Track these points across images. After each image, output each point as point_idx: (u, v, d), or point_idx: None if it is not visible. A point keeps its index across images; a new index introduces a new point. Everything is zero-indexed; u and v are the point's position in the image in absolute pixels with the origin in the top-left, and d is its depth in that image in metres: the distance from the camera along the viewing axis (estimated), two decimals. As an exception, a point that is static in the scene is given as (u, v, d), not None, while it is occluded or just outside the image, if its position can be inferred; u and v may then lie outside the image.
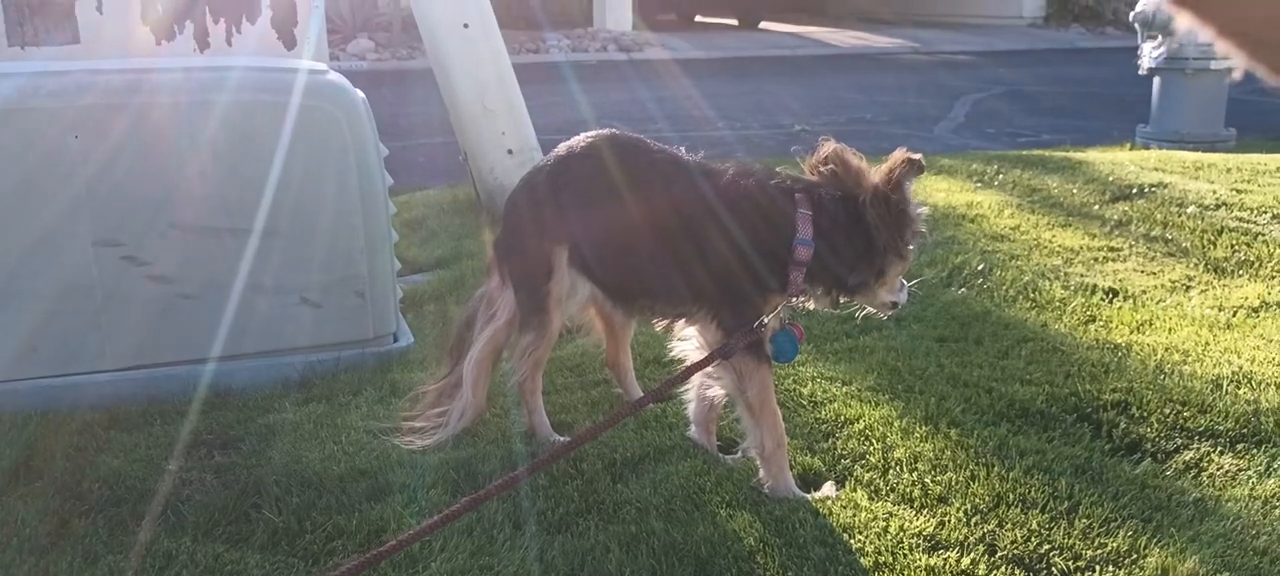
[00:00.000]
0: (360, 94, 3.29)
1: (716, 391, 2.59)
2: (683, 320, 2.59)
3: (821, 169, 2.44)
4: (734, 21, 21.61)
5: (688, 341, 2.63)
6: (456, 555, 2.16)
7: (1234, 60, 0.76)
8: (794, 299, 2.45)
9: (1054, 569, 2.14)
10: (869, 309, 2.55)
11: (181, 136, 3.05)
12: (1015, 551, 2.18)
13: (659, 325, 2.67)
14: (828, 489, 2.47)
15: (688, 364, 2.54)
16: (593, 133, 2.62)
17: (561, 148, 2.64)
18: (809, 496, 2.43)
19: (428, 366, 3.23)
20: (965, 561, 2.14)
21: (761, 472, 2.46)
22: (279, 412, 2.93)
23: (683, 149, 2.60)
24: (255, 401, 3.01)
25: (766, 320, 2.42)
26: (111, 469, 2.56)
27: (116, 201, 2.99)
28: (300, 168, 3.11)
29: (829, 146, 2.45)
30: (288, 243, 3.14)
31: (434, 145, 8.18)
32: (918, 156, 2.35)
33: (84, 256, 2.97)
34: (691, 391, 2.68)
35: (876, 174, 2.37)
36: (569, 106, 10.66)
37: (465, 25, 5.17)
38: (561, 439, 2.71)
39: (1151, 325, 3.51)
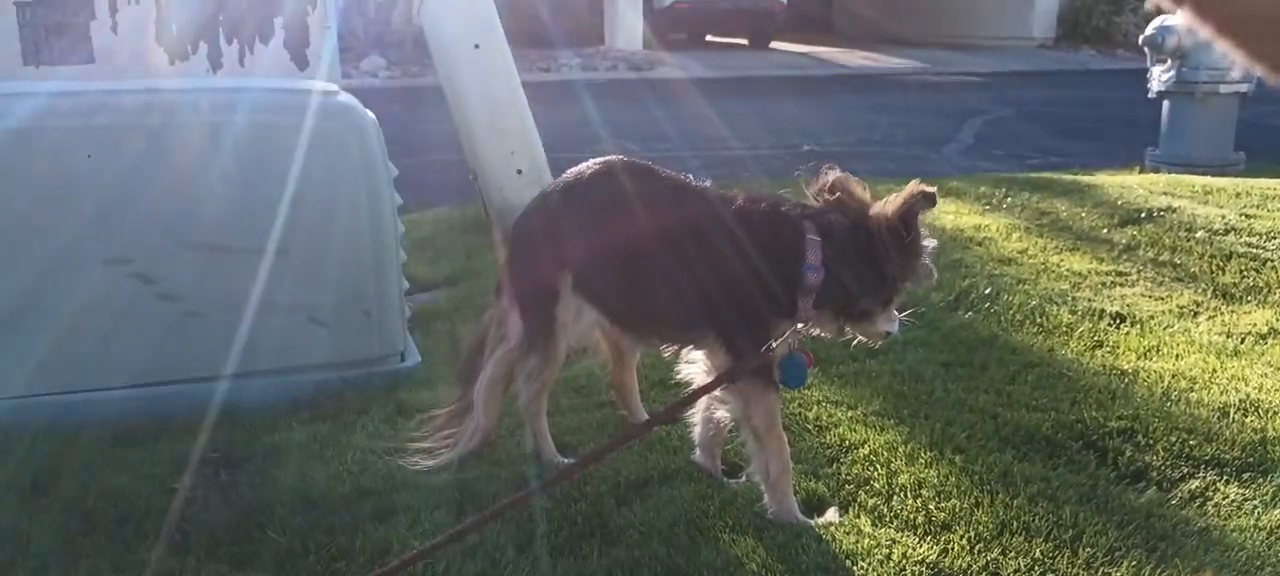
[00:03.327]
0: (370, 114, 3.32)
1: (722, 414, 2.60)
2: (691, 345, 2.59)
3: (826, 197, 2.45)
4: (744, 41, 21.67)
5: (695, 364, 2.63)
6: (459, 578, 2.16)
7: (1233, 58, 0.75)
8: (801, 326, 2.45)
9: (1057, 598, 2.13)
10: (861, 338, 2.56)
11: (193, 156, 3.07)
12: (1019, 580, 2.18)
13: (667, 350, 2.68)
14: (831, 515, 2.47)
15: (694, 387, 2.55)
16: (602, 158, 2.64)
17: (570, 172, 2.66)
18: (813, 522, 2.43)
19: (435, 386, 3.24)
20: (968, 590, 2.13)
21: (766, 498, 2.46)
22: (285, 431, 2.95)
23: (691, 175, 2.61)
24: (262, 420, 3.02)
25: (774, 345, 2.43)
26: (118, 487, 2.57)
27: (128, 220, 3.02)
28: (310, 187, 3.13)
29: (833, 175, 2.46)
30: (296, 262, 3.16)
31: (446, 162, 8.20)
32: (932, 189, 2.35)
33: (95, 275, 3.00)
34: (697, 414, 2.69)
35: (888, 204, 2.37)
36: (581, 125, 10.69)
37: (476, 45, 5.19)
38: (565, 460, 2.71)
39: (1159, 351, 3.50)
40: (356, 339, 3.30)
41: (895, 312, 2.51)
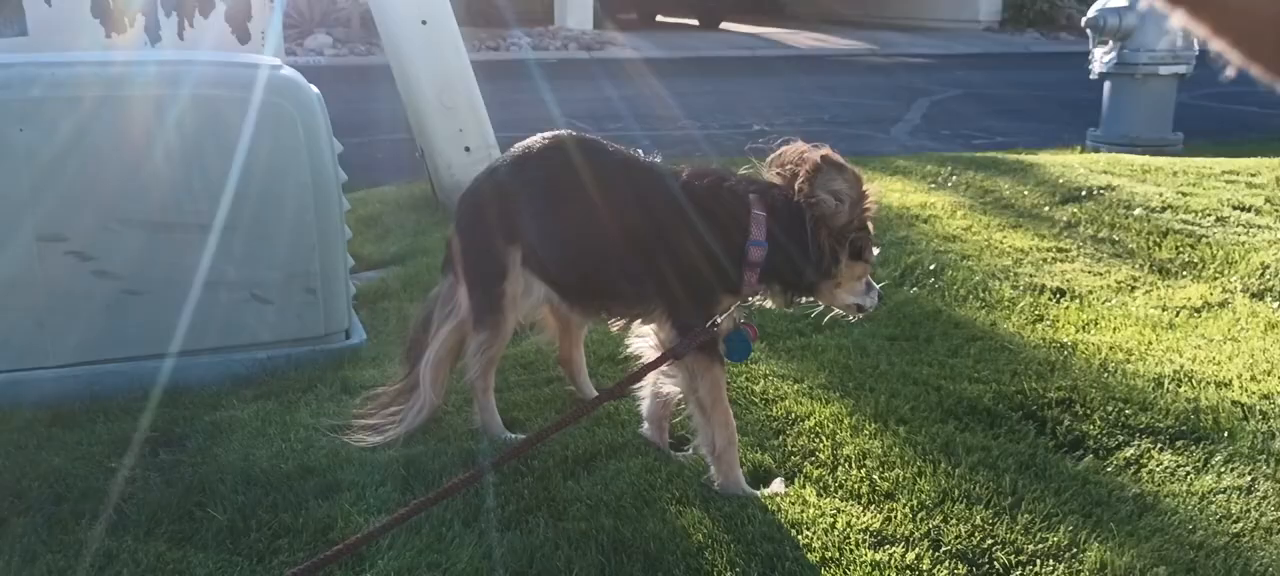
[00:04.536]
0: (315, 89, 3.26)
1: (671, 388, 2.60)
2: (639, 319, 2.60)
3: (782, 170, 2.46)
4: (695, 21, 21.67)
5: (644, 338, 2.64)
6: (404, 552, 2.15)
7: (1228, 59, 0.75)
8: (749, 298, 2.47)
9: (996, 563, 2.18)
10: (835, 310, 2.56)
11: (133, 131, 3.00)
12: (959, 546, 2.22)
13: (615, 325, 2.68)
14: (777, 485, 2.50)
15: (642, 363, 2.55)
16: (549, 133, 2.63)
17: (518, 147, 2.64)
18: (758, 493, 2.45)
19: (381, 363, 3.21)
20: (910, 556, 2.17)
21: (712, 470, 2.48)
22: (228, 410, 2.90)
23: (640, 150, 2.61)
24: (204, 399, 2.97)
25: (720, 320, 2.44)
26: (53, 467, 2.52)
27: (62, 196, 2.94)
28: (253, 163, 3.08)
29: (791, 147, 2.47)
30: (237, 238, 3.11)
31: (395, 141, 8.12)
32: (821, 155, 2.36)
33: (27, 251, 2.92)
34: (645, 388, 2.69)
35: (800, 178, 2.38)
36: (530, 104, 10.63)
37: (423, 21, 5.15)
38: (512, 436, 2.71)
39: (1097, 324, 3.58)
40: (301, 316, 3.26)
41: (872, 283, 2.53)
